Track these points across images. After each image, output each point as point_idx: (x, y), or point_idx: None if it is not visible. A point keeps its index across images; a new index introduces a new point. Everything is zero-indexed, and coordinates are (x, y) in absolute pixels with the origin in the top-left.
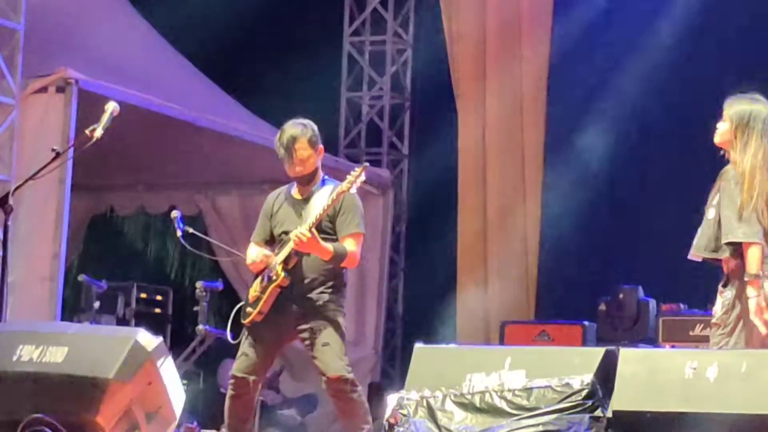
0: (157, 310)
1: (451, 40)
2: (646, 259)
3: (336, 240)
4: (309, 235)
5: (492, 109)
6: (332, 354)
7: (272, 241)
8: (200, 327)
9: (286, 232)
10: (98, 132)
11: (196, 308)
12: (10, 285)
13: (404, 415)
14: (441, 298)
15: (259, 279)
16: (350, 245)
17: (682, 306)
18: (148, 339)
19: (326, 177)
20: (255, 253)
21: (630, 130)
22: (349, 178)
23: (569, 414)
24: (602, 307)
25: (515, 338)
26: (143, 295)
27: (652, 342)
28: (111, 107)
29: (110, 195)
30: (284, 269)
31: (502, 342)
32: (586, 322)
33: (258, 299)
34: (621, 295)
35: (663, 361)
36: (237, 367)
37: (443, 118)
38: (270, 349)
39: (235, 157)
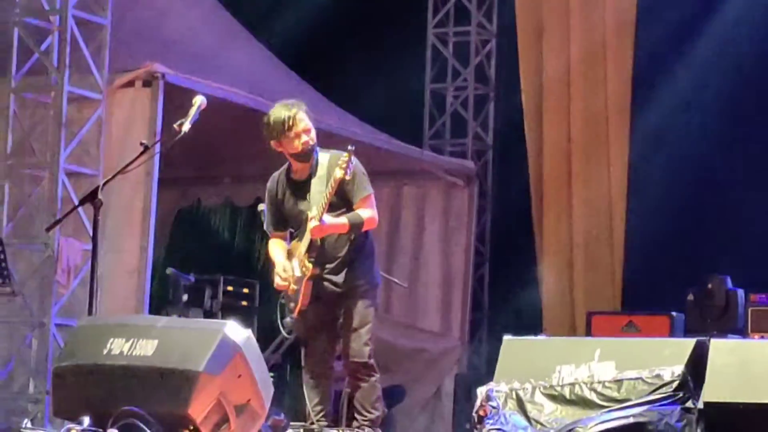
0: (244, 303)
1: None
2: (734, 248)
3: (347, 207)
4: (319, 224)
5: (577, 106)
6: (358, 339)
7: (285, 227)
8: (287, 319)
9: (299, 217)
10: (186, 126)
11: (282, 301)
12: (98, 278)
13: (494, 408)
14: (526, 289)
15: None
16: (364, 210)
17: None
18: (237, 331)
19: (318, 148)
20: (278, 256)
21: (722, 114)
22: (340, 164)
23: (660, 405)
24: (690, 297)
25: (602, 329)
26: (230, 288)
27: (741, 333)
28: (198, 101)
29: (197, 188)
30: (310, 259)
31: (588, 333)
32: (673, 313)
33: (296, 292)
34: (709, 285)
35: (755, 352)
36: (308, 356)
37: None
38: (330, 330)
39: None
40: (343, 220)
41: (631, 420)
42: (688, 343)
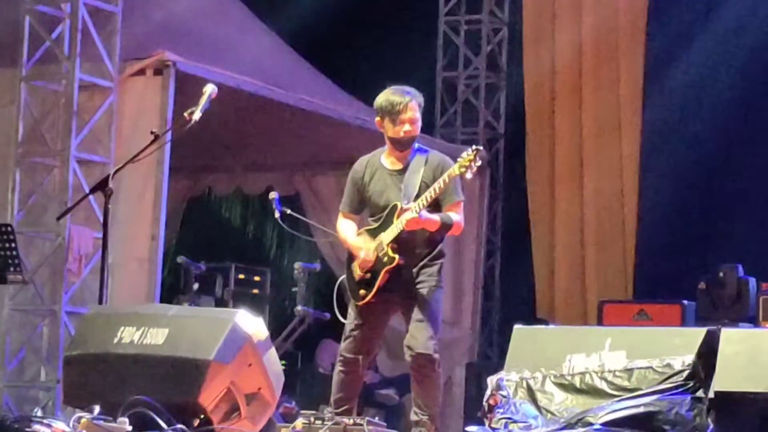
0: (255, 291)
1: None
2: (745, 237)
3: (433, 208)
4: (417, 216)
5: (588, 96)
6: (424, 330)
7: (360, 211)
8: (299, 308)
9: (386, 205)
10: (196, 115)
11: (294, 289)
12: (109, 267)
13: (504, 396)
14: (538, 278)
15: (357, 260)
16: (455, 214)
17: None
18: (248, 320)
19: (420, 145)
20: (353, 235)
21: (733, 105)
22: (461, 161)
23: (670, 395)
24: (702, 285)
25: (613, 317)
26: (241, 276)
27: (753, 321)
28: (209, 90)
29: (208, 176)
30: (394, 249)
31: (600, 321)
32: (685, 301)
33: (368, 280)
34: (721, 274)
35: (766, 341)
36: (347, 347)
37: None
38: (380, 326)
39: (333, 138)
40: (436, 217)
41: (642, 409)
42: (699, 333)
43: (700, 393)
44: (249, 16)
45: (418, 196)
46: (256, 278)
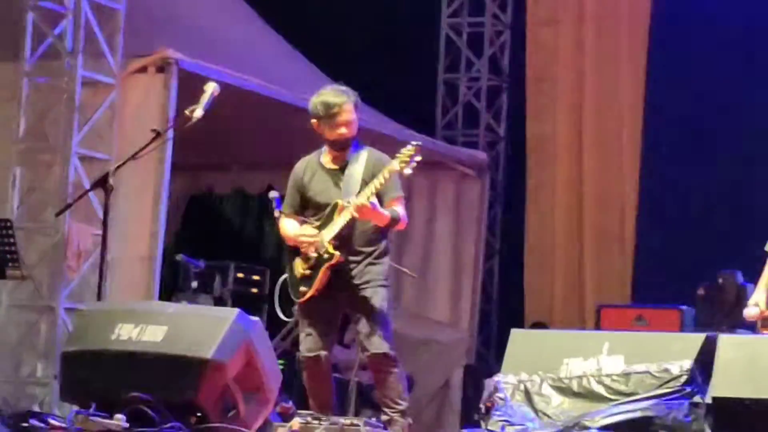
0: (255, 290)
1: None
2: (745, 243)
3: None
4: (369, 205)
5: (589, 92)
6: (376, 330)
7: (302, 212)
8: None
9: (327, 204)
10: (198, 112)
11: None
12: (108, 264)
13: (501, 399)
14: (536, 281)
15: (299, 257)
16: (399, 209)
17: None
18: (246, 319)
19: (357, 142)
20: (295, 228)
21: (733, 111)
22: (401, 156)
23: (668, 400)
24: (701, 291)
25: (611, 322)
26: (240, 275)
27: (752, 328)
28: (211, 88)
29: (209, 175)
30: (335, 247)
31: (598, 326)
32: (683, 307)
33: (309, 277)
34: (720, 280)
35: (764, 348)
36: (305, 347)
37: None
38: (331, 321)
39: None
40: (386, 212)
41: (639, 414)
42: (697, 338)
43: (697, 398)
44: (252, 15)
45: (358, 194)
46: (256, 277)
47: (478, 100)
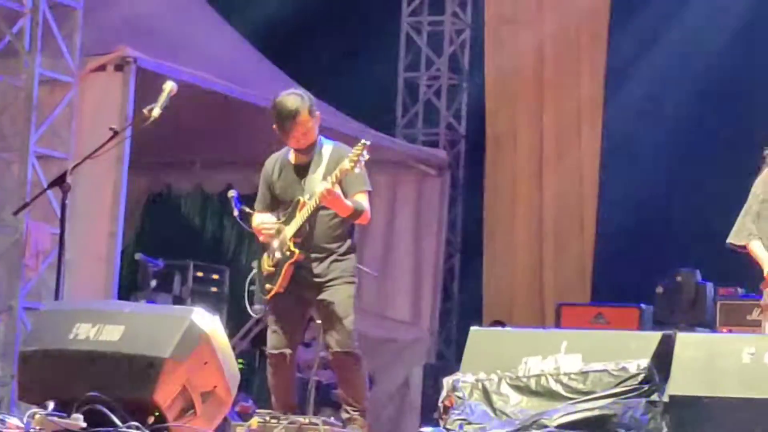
0: (214, 289)
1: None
2: (704, 242)
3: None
4: (332, 190)
5: (548, 89)
6: (341, 328)
7: (273, 208)
8: (256, 307)
9: (291, 201)
10: (156, 111)
11: (252, 288)
12: (66, 263)
13: (459, 398)
14: (496, 279)
15: (266, 253)
16: (364, 202)
17: (739, 290)
18: (204, 318)
19: (322, 137)
20: (262, 218)
21: (693, 109)
22: (351, 156)
23: (625, 398)
24: (659, 289)
25: (571, 320)
26: (200, 274)
27: (710, 326)
28: (169, 87)
29: (167, 173)
30: (296, 244)
31: (558, 324)
32: (642, 305)
33: (274, 274)
34: (678, 278)
35: (721, 346)
36: (271, 344)
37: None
38: (297, 319)
39: None
40: (349, 202)
41: (597, 412)
42: (654, 337)
43: (654, 397)
44: (211, 14)
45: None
46: (215, 276)
47: (439, 98)
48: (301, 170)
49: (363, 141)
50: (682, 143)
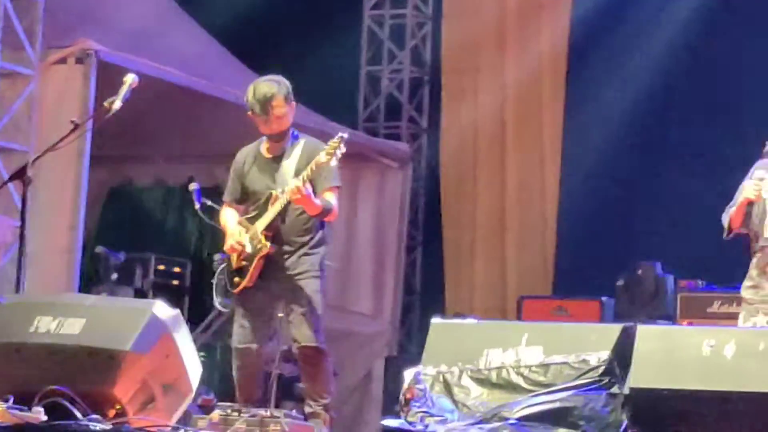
0: (175, 282)
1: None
2: (664, 235)
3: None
4: (303, 188)
5: (510, 82)
6: (307, 322)
7: (244, 201)
8: (217, 299)
9: (262, 194)
10: (117, 104)
11: (213, 281)
12: (27, 256)
13: (421, 390)
14: (458, 273)
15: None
16: (332, 199)
17: (700, 282)
18: (165, 311)
19: (295, 131)
20: (233, 225)
21: (654, 101)
22: (327, 149)
23: (586, 390)
24: (620, 282)
25: (533, 313)
26: (161, 267)
27: (670, 319)
28: (130, 79)
29: (128, 166)
30: (267, 237)
31: (519, 317)
32: (604, 298)
33: (243, 268)
34: (639, 271)
35: (681, 339)
36: (237, 339)
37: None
38: (265, 314)
39: (254, 130)
40: (318, 201)
41: (557, 405)
42: (615, 329)
43: (615, 389)
44: (173, 7)
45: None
46: (176, 269)
47: (401, 92)
48: (273, 162)
49: (340, 134)
50: (645, 136)
